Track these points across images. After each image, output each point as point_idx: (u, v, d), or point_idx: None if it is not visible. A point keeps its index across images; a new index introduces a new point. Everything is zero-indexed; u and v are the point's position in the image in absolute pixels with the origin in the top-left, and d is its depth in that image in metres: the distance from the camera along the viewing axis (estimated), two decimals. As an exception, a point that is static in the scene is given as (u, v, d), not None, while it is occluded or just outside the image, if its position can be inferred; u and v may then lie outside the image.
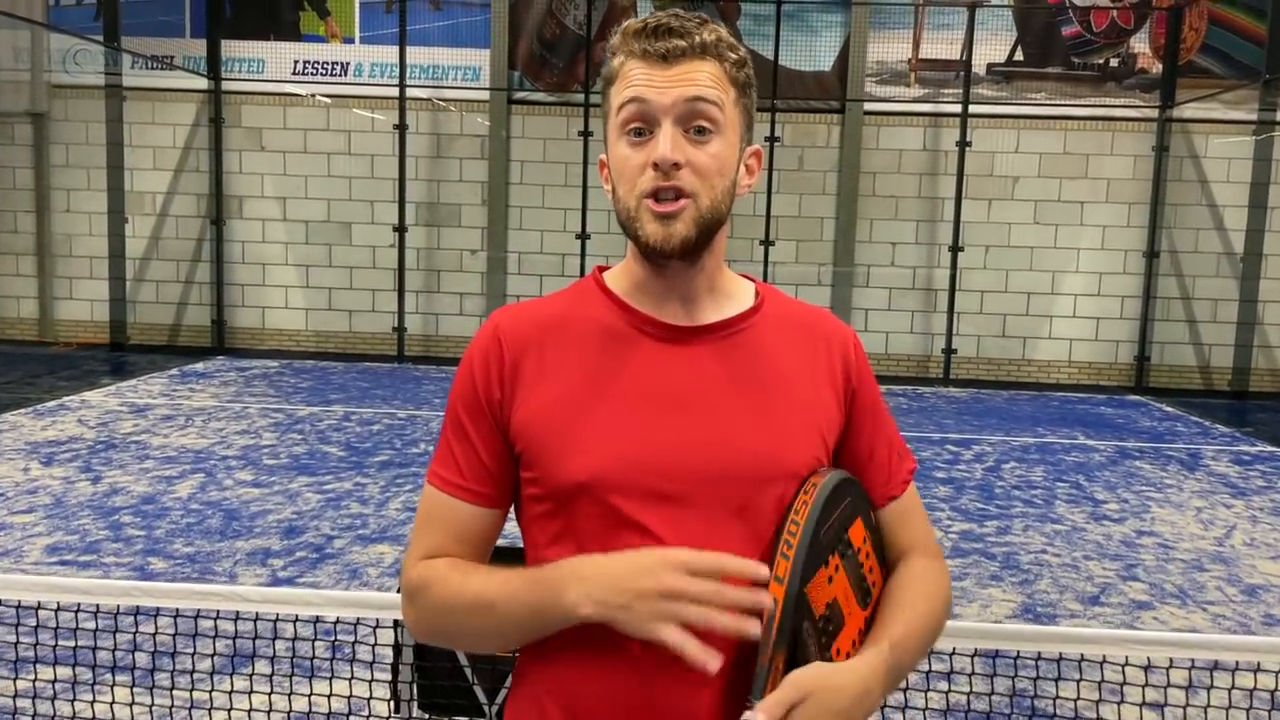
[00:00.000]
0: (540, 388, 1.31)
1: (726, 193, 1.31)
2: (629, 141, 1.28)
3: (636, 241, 1.30)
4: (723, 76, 1.29)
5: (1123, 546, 6.23)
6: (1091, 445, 9.30)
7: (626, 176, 1.29)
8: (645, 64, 1.27)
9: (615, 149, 1.31)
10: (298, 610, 2.49)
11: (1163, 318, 12.76)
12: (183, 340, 13.36)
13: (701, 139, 1.27)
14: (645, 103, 1.26)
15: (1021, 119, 12.67)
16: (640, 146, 1.28)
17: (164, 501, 6.51)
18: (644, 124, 1.27)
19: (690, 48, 1.27)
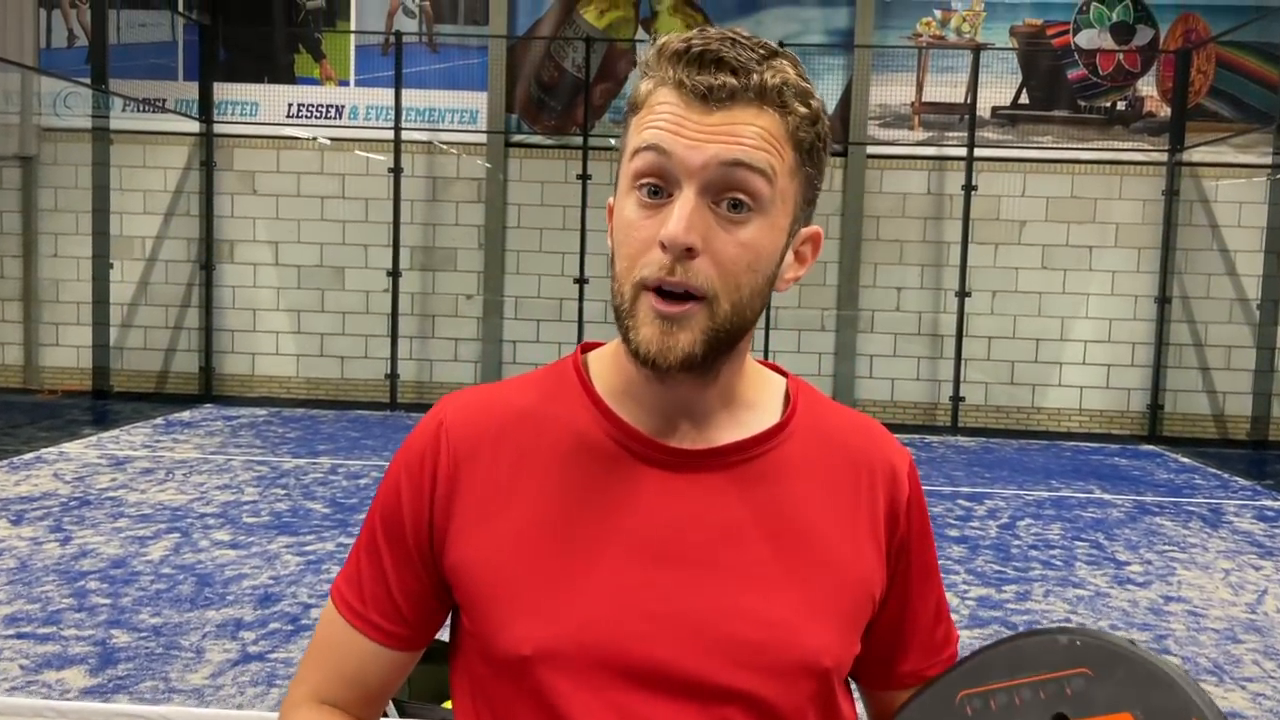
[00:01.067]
0: (489, 518, 0.98)
1: (758, 293, 0.96)
2: (639, 201, 0.94)
3: (625, 341, 0.98)
4: (783, 135, 0.94)
5: (1150, 614, 5.87)
6: (1108, 499, 8.95)
7: (627, 249, 0.96)
8: (679, 100, 0.92)
9: (621, 205, 0.97)
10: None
11: (1175, 365, 12.44)
12: (170, 387, 13.04)
13: (736, 218, 0.92)
14: (667, 155, 0.91)
15: (1027, 162, 12.43)
16: (652, 213, 0.94)
17: (134, 565, 6.16)
18: (661, 182, 0.93)
19: (743, 89, 0.92)
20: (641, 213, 0.94)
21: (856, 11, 12.48)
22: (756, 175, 0.92)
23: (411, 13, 12.92)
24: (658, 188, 0.93)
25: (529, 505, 0.98)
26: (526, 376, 1.09)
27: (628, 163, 0.96)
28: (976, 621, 5.62)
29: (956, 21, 12.58)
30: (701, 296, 0.93)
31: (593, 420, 1.02)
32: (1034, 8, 12.52)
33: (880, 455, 1.07)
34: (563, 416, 1.02)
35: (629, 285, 0.95)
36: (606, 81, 12.78)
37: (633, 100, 0.98)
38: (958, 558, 6.88)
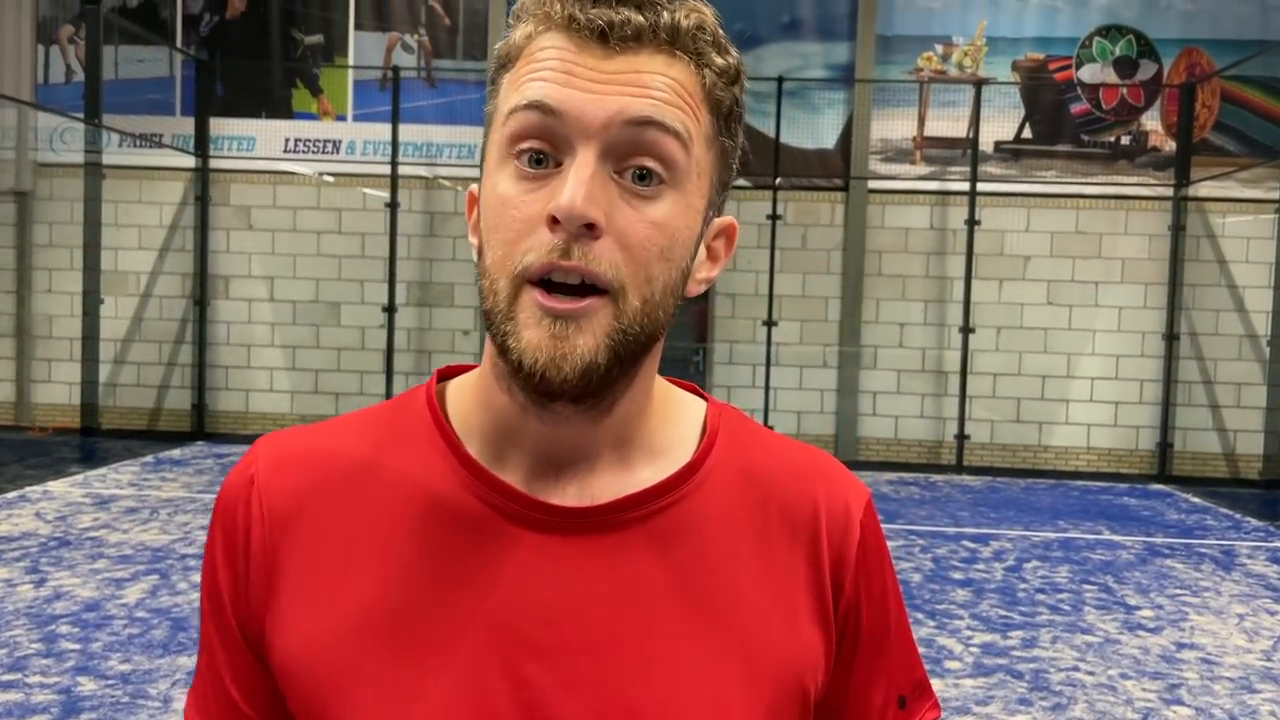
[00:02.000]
0: (317, 603, 0.78)
1: (671, 290, 0.76)
2: (519, 172, 0.74)
3: (503, 354, 0.75)
4: (697, 89, 0.74)
5: (1162, 662, 5.62)
6: (1118, 541, 8.70)
7: (502, 234, 0.74)
8: (570, 42, 0.72)
9: (493, 182, 0.76)
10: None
11: (1184, 402, 12.22)
12: (163, 424, 12.86)
13: (645, 191, 0.73)
14: (555, 114, 0.72)
15: (1031, 197, 12.29)
16: (536, 185, 0.73)
17: (108, 609, 5.94)
18: (548, 147, 0.73)
19: (651, 29, 0.72)
20: (521, 186, 0.73)
21: (857, 46, 12.40)
22: (670, 137, 0.72)
23: (410, 48, 12.87)
24: (542, 154, 0.73)
25: (366, 587, 0.77)
26: (365, 414, 0.87)
27: (501, 128, 0.76)
28: (981, 670, 5.38)
29: (958, 56, 12.49)
30: (605, 289, 0.72)
31: (448, 471, 0.80)
32: (1036, 42, 12.43)
33: (825, 496, 0.84)
34: (410, 468, 0.81)
35: (505, 279, 0.74)
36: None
37: (504, 52, 0.77)
38: (962, 601, 6.64)
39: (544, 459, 0.80)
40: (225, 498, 0.84)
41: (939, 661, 5.47)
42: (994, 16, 12.46)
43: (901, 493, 10.69)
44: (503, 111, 0.75)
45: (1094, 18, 12.40)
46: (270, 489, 0.81)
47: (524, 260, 0.73)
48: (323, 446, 0.84)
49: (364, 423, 0.86)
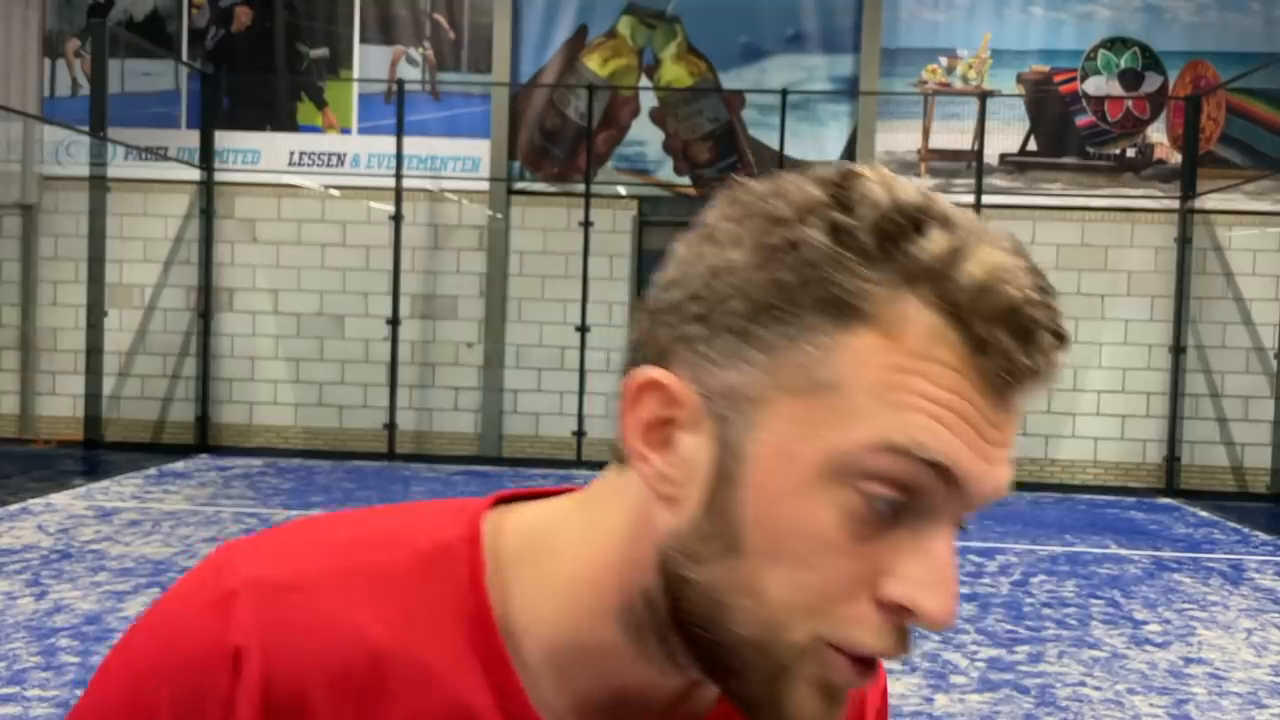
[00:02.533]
0: None
1: None
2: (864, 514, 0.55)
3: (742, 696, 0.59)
4: None
5: (1170, 677, 5.57)
6: (1125, 555, 8.64)
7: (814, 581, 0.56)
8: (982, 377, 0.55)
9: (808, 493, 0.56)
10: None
11: (1192, 415, 12.16)
12: (166, 437, 12.86)
13: None
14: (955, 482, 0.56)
15: (1037, 209, 12.26)
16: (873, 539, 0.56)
17: (108, 621, 5.92)
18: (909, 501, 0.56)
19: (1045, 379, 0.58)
20: (858, 531, 0.55)
21: (862, 59, 12.41)
22: None
23: (414, 61, 12.91)
24: (903, 506, 0.56)
25: None
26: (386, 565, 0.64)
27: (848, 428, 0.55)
28: (987, 685, 5.33)
29: (962, 69, 12.50)
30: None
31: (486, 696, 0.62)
32: (1041, 55, 12.43)
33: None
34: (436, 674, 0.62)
35: (804, 630, 0.56)
36: (609, 129, 12.71)
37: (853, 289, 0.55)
38: (968, 616, 6.59)
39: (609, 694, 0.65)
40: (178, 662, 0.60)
41: (944, 676, 5.42)
42: (998, 29, 12.46)
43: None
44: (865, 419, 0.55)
45: (1099, 30, 12.40)
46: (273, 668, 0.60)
47: (846, 633, 0.57)
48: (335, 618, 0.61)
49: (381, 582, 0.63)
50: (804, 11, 12.57)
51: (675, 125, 12.67)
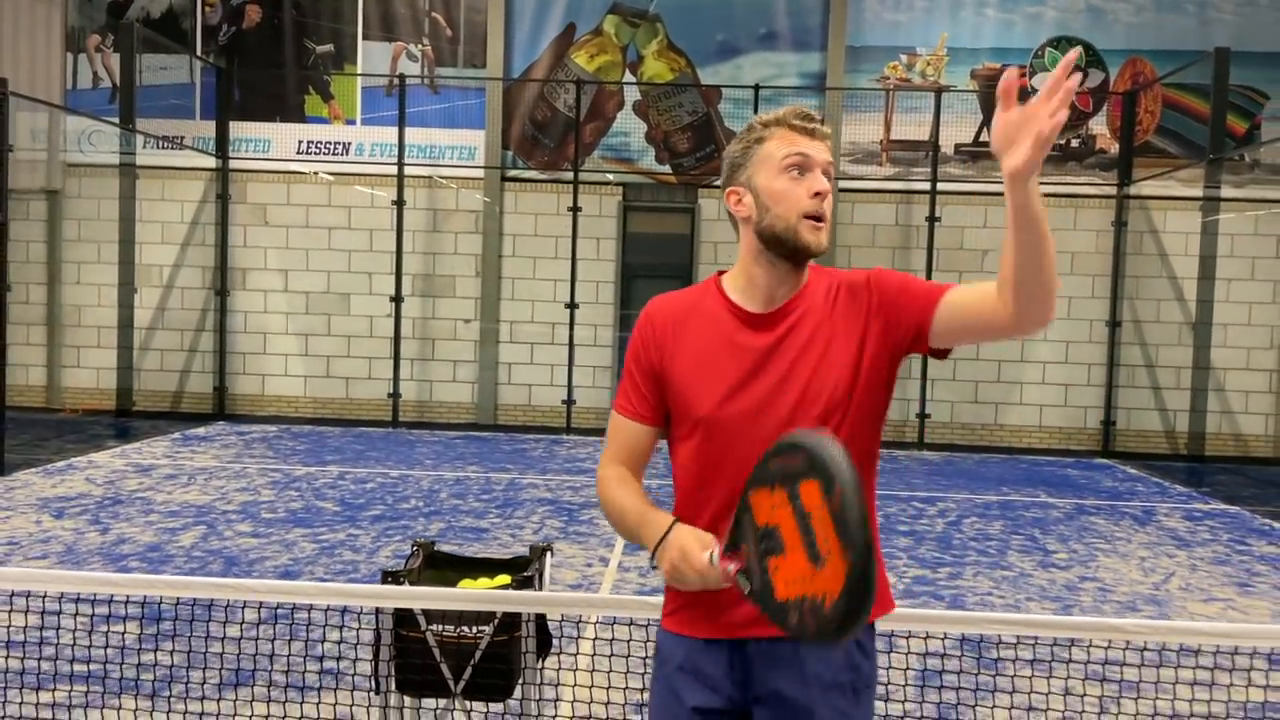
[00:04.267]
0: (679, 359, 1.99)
1: None
2: (790, 178, 1.91)
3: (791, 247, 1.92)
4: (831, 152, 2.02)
5: (1065, 590, 6.66)
6: (1052, 503, 9.75)
7: (788, 201, 1.91)
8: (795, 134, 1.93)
9: (774, 180, 1.92)
10: (296, 599, 2.95)
11: (1127, 384, 13.29)
12: (185, 406, 13.85)
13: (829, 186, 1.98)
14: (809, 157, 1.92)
15: (988, 195, 13.32)
16: (799, 182, 1.91)
17: (168, 550, 6.94)
18: (802, 166, 1.91)
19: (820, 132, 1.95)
20: (792, 182, 1.92)
21: (828, 56, 13.42)
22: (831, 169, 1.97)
23: (414, 56, 13.86)
24: (801, 169, 1.92)
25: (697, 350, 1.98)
26: (693, 288, 2.10)
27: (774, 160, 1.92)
28: (909, 595, 6.41)
29: (921, 65, 13.53)
30: (824, 219, 1.93)
31: (722, 305, 2.00)
32: (993, 52, 13.48)
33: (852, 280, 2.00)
34: (710, 305, 2.02)
35: (793, 215, 1.91)
36: (596, 120, 13.69)
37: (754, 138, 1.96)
38: (904, 547, 7.68)
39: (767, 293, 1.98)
40: (640, 320, 2.06)
41: (874, 588, 6.49)
42: (954, 29, 13.50)
43: (865, 465, 11.73)
44: (776, 156, 1.93)
45: (1046, 29, 13.45)
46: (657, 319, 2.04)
47: (805, 207, 1.91)
48: (677, 299, 2.07)
49: (694, 289, 2.09)
50: (776, 11, 13.58)
51: (657, 117, 13.67)
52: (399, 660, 2.91)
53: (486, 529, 7.84)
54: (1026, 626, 3.06)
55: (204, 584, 3.01)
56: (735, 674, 1.91)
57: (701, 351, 1.95)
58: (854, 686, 1.91)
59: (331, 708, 4.19)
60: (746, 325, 1.94)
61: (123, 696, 4.30)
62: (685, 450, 1.97)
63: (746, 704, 1.92)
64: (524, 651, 2.92)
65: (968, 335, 1.92)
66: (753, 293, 1.97)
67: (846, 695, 1.90)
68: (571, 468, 10.78)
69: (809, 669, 1.88)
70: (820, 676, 1.88)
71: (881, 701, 4.26)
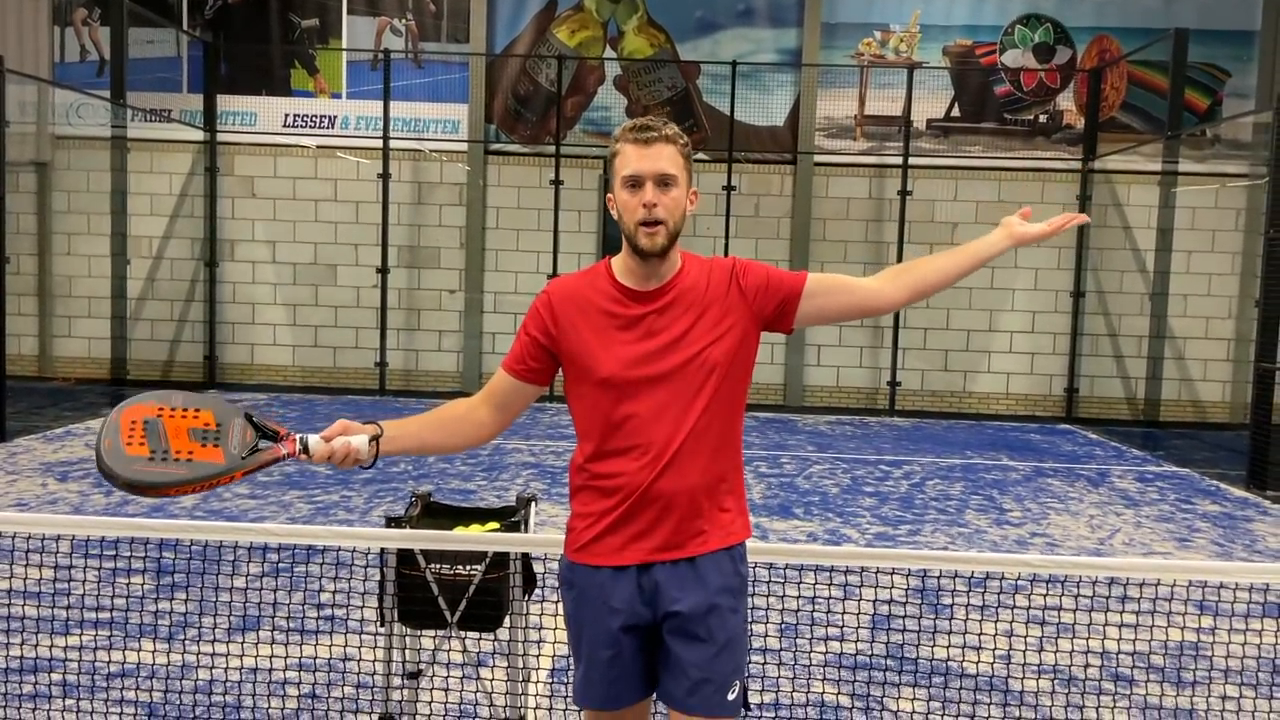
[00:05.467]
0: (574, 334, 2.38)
1: (681, 217, 2.36)
2: (629, 191, 2.31)
3: (634, 247, 2.32)
4: (676, 153, 2.33)
5: (1015, 545, 7.13)
6: (1012, 466, 10.22)
7: (629, 211, 2.32)
8: (635, 146, 2.30)
9: (619, 195, 2.33)
10: (311, 541, 3.35)
11: (1091, 353, 13.77)
12: (176, 376, 14.16)
13: (666, 190, 2.30)
14: (638, 176, 2.30)
15: (959, 170, 13.72)
16: (635, 194, 2.30)
17: (171, 510, 7.30)
18: (636, 182, 2.30)
19: (658, 137, 2.30)
20: (631, 195, 2.31)
21: (804, 33, 13.75)
22: (672, 175, 2.31)
23: (398, 31, 14.10)
24: (635, 184, 2.31)
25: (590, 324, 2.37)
26: (587, 270, 2.48)
27: (619, 177, 2.32)
28: (870, 548, 6.85)
29: (895, 42, 13.87)
30: (661, 221, 2.29)
31: (611, 284, 2.39)
32: (964, 29, 13.83)
33: (722, 266, 2.42)
34: (600, 285, 2.40)
35: (632, 224, 2.31)
36: (577, 95, 13.99)
37: (612, 152, 2.37)
38: (867, 506, 8.12)
39: (642, 277, 2.38)
40: (539, 299, 2.45)
41: (836, 544, 6.94)
42: (927, 5, 13.84)
43: (836, 430, 12.18)
44: (620, 174, 2.33)
45: (1016, 7, 13.81)
46: (555, 298, 2.43)
47: (636, 217, 2.31)
48: (574, 283, 2.45)
49: (588, 272, 2.47)
50: (753, -12, 13.89)
51: (637, 92, 13.98)
52: (401, 595, 3.31)
53: (474, 490, 8.25)
54: (974, 564, 3.48)
55: (224, 528, 3.39)
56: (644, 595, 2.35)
57: (596, 324, 2.35)
58: (739, 589, 2.40)
59: (328, 648, 4.59)
60: (631, 300, 2.35)
61: (141, 640, 4.69)
62: (585, 403, 2.39)
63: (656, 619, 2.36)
64: (512, 587, 3.32)
65: (827, 318, 2.46)
66: (631, 275, 2.37)
67: (734, 594, 2.38)
68: (554, 434, 11.19)
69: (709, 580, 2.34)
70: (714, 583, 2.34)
71: (836, 642, 4.72)
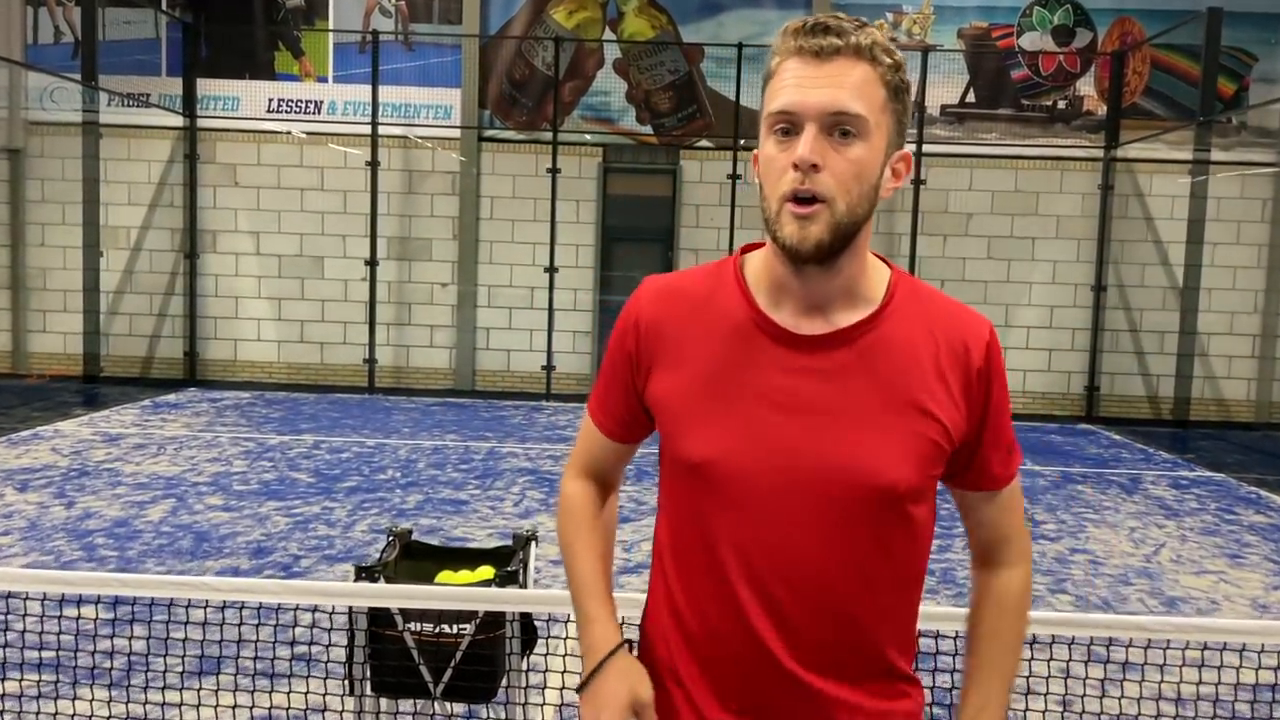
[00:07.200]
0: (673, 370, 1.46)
1: (865, 197, 1.33)
2: (776, 140, 1.33)
3: (775, 241, 1.35)
4: (875, 80, 1.32)
5: (1055, 563, 6.55)
6: (1037, 470, 9.65)
7: (771, 176, 1.34)
8: (800, 61, 1.31)
9: (764, 147, 1.36)
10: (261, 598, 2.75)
11: (1111, 349, 13.20)
12: (155, 372, 13.54)
13: (844, 142, 1.31)
14: (792, 113, 1.31)
15: (974, 158, 13.13)
16: (785, 146, 1.32)
17: (136, 525, 6.71)
18: (790, 124, 1.32)
19: (845, 47, 1.30)
20: (778, 148, 1.33)
21: (813, 14, 13.09)
22: (855, 117, 1.31)
23: (388, 12, 13.46)
24: (788, 128, 1.33)
25: (697, 366, 1.44)
26: (701, 269, 1.52)
27: (766, 118, 1.36)
28: (899, 569, 6.28)
29: (907, 24, 13.26)
30: (824, 200, 1.31)
31: (742, 309, 1.44)
32: (980, 11, 13.22)
33: (965, 329, 1.43)
34: (724, 304, 1.45)
35: (774, 200, 1.33)
36: (575, 79, 13.37)
37: (765, 73, 1.39)
38: (890, 518, 7.53)
39: (796, 300, 1.41)
40: (626, 309, 1.53)
41: (863, 562, 6.36)
42: (941, -14, 13.23)
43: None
44: (767, 109, 1.35)
45: (1035, -12, 13.21)
46: (649, 310, 1.50)
47: (782, 187, 1.32)
48: (681, 288, 1.50)
49: (703, 273, 1.51)
50: (759, -33, 13.25)
51: (638, 76, 13.36)
52: (374, 661, 2.73)
53: (466, 501, 7.66)
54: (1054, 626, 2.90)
55: (163, 582, 2.79)
56: None
57: (709, 369, 1.42)
58: None
59: (304, 696, 4.00)
60: (778, 343, 1.40)
61: (85, 687, 4.09)
62: (674, 490, 1.50)
63: None
64: (508, 653, 2.74)
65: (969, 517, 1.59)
66: (784, 300, 1.41)
67: None
68: (552, 435, 10.60)
69: None
70: None
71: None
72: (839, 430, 1.37)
